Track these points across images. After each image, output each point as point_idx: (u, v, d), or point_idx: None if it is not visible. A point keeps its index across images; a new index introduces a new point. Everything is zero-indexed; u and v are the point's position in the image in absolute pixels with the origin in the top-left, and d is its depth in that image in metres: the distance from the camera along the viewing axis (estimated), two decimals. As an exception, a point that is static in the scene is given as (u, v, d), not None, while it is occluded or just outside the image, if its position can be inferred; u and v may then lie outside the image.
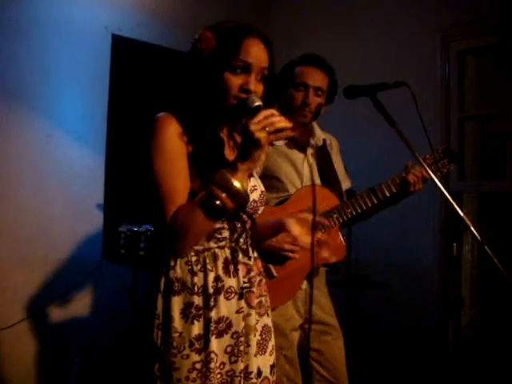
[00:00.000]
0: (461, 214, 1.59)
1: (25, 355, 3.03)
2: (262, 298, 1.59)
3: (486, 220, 3.49)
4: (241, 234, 1.53)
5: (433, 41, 3.47)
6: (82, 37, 3.22)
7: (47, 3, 3.09)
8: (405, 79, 1.69)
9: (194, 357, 1.43)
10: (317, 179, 2.30)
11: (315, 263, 1.52)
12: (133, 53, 3.46)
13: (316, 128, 2.37)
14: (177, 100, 1.51)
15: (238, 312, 1.50)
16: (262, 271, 1.63)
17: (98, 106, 3.30)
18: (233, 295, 1.49)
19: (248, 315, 1.51)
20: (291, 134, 1.39)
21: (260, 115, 1.35)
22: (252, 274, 1.54)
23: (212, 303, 1.45)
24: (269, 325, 1.61)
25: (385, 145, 3.16)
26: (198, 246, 1.47)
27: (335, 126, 2.50)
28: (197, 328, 1.43)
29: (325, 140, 2.38)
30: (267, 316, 1.61)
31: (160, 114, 1.47)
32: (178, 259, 1.46)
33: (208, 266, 1.46)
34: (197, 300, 1.44)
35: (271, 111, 1.36)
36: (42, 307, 3.08)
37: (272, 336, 1.62)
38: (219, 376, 1.46)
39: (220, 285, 1.47)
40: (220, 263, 1.48)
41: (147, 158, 1.43)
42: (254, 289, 1.54)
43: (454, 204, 1.58)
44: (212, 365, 1.43)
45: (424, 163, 1.67)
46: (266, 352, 1.58)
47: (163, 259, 1.48)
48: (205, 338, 1.44)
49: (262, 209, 1.59)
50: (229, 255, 1.50)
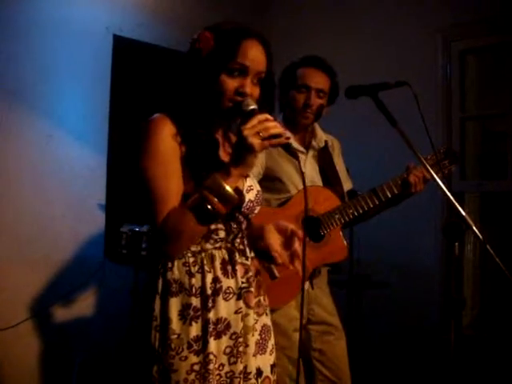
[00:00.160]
0: (463, 214, 1.59)
1: (27, 355, 3.04)
2: (261, 298, 1.59)
3: (488, 220, 3.49)
4: (237, 235, 1.53)
5: (434, 41, 3.47)
6: (84, 37, 3.24)
7: (48, 4, 3.11)
8: (406, 79, 1.69)
9: (193, 358, 1.42)
10: (318, 180, 2.31)
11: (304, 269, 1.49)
12: (134, 53, 3.48)
13: (318, 129, 2.37)
14: (172, 100, 1.50)
15: (237, 313, 1.49)
16: (259, 270, 1.61)
17: (99, 106, 3.31)
18: (231, 296, 1.48)
19: (246, 315, 1.51)
20: (285, 142, 1.36)
21: (254, 120, 1.34)
22: (250, 274, 1.54)
23: (210, 304, 1.44)
24: (268, 324, 1.60)
25: (386, 146, 3.16)
26: (195, 247, 1.46)
27: (337, 128, 2.51)
28: (195, 329, 1.42)
29: (327, 141, 2.38)
30: (266, 315, 1.60)
31: (154, 116, 1.45)
32: (176, 260, 1.45)
33: (206, 267, 1.46)
34: (195, 301, 1.43)
35: (265, 116, 1.35)
36: (44, 307, 3.09)
37: (272, 335, 1.61)
38: (218, 377, 1.45)
39: (218, 286, 1.46)
40: (218, 264, 1.47)
41: (140, 160, 1.42)
42: (252, 289, 1.53)
43: (456, 204, 1.58)
44: (211, 366, 1.42)
45: (426, 163, 1.67)
46: (266, 351, 1.57)
47: (160, 261, 1.47)
48: (203, 340, 1.43)
49: (259, 208, 1.58)
50: (226, 256, 1.49)
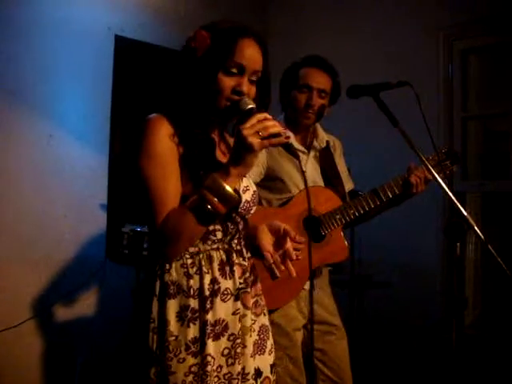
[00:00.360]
0: (464, 214, 1.59)
1: (29, 355, 3.04)
2: (258, 298, 1.58)
3: (489, 219, 3.48)
4: (234, 236, 1.52)
5: (435, 40, 3.47)
6: (85, 37, 3.24)
7: (49, 4, 3.11)
8: (407, 79, 1.69)
9: (190, 360, 1.41)
10: (320, 181, 2.31)
11: (312, 266, 1.49)
12: (135, 53, 3.49)
13: (319, 129, 2.37)
14: (169, 100, 1.49)
15: (235, 314, 1.48)
16: (256, 270, 1.61)
17: (101, 106, 3.31)
18: (229, 297, 1.48)
19: (244, 316, 1.50)
20: (285, 141, 1.35)
21: (253, 119, 1.33)
22: (247, 275, 1.53)
23: (208, 306, 1.43)
24: (266, 324, 1.60)
25: (387, 146, 3.16)
26: (193, 249, 1.46)
27: (338, 127, 2.50)
28: (193, 331, 1.42)
29: (328, 141, 2.38)
30: (264, 315, 1.60)
31: (151, 116, 1.44)
32: (174, 262, 1.44)
33: (204, 269, 1.45)
34: (192, 303, 1.43)
35: (264, 115, 1.34)
36: (46, 307, 3.09)
37: (270, 335, 1.60)
38: (216, 379, 1.44)
39: (216, 287, 1.45)
40: (216, 265, 1.47)
41: (138, 161, 1.41)
42: (250, 289, 1.53)
43: (458, 204, 1.58)
44: (209, 368, 1.41)
45: (428, 163, 1.67)
46: (265, 352, 1.57)
47: (158, 262, 1.46)
48: (201, 341, 1.42)
49: (255, 209, 1.58)
50: (224, 257, 1.49)
